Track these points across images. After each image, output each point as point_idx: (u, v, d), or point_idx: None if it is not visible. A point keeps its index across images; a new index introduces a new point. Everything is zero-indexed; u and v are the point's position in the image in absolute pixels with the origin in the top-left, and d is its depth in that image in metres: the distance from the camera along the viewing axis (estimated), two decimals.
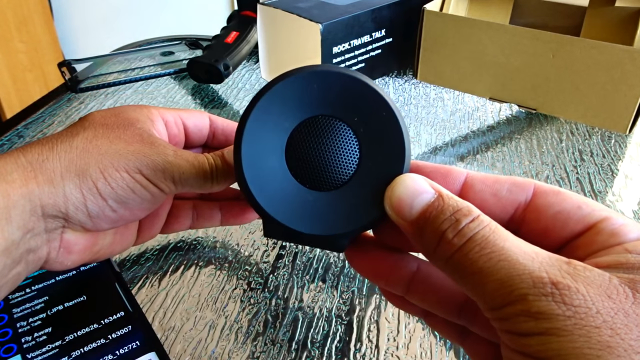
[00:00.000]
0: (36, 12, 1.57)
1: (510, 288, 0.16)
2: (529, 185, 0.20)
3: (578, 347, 0.14)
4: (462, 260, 0.17)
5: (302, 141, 0.21)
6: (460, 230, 0.17)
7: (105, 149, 0.25)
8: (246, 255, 0.37)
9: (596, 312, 0.15)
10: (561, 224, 0.19)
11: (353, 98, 0.21)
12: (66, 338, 0.29)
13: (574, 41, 0.49)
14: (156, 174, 0.26)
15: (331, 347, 0.31)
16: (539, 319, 0.15)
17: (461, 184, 0.20)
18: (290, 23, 0.55)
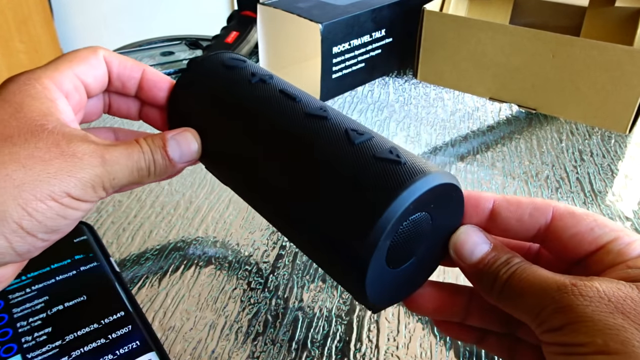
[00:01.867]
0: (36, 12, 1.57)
1: (543, 296, 0.20)
2: (548, 209, 0.23)
3: (600, 329, 0.18)
4: (509, 289, 0.21)
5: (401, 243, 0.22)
6: (509, 267, 0.22)
7: (20, 178, 0.21)
8: (246, 255, 0.37)
9: (608, 301, 0.18)
10: (576, 244, 0.22)
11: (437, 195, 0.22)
12: (66, 338, 0.29)
13: (574, 41, 0.49)
14: (86, 192, 0.23)
15: (331, 347, 0.31)
16: (566, 312, 0.19)
17: (489, 211, 0.24)
18: (290, 23, 0.55)
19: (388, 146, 0.22)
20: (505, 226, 0.24)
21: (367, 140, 0.23)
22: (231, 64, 0.28)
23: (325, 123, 0.24)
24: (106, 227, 0.40)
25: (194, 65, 0.29)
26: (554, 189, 0.45)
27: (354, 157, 0.22)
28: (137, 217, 0.41)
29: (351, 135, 0.23)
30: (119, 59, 0.28)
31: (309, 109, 0.25)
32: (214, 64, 0.28)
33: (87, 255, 0.34)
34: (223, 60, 0.28)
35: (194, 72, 0.29)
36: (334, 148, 0.23)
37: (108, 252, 0.35)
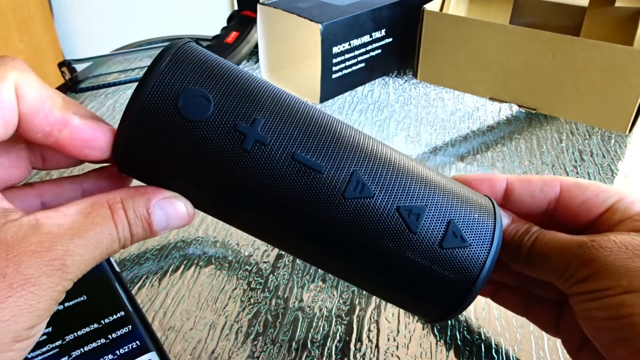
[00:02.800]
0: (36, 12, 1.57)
1: (566, 255, 0.22)
2: (556, 182, 0.26)
3: (623, 273, 0.20)
4: (534, 254, 0.24)
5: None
6: (531, 235, 0.24)
7: None
8: (246, 255, 0.37)
9: (626, 249, 0.21)
10: (586, 210, 0.25)
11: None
12: (66, 338, 0.29)
13: (574, 41, 0.49)
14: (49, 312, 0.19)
15: (331, 347, 0.31)
16: (590, 263, 0.21)
17: (504, 190, 0.26)
18: (290, 23, 0.55)
19: (445, 222, 0.22)
20: (519, 202, 0.26)
21: (424, 219, 0.21)
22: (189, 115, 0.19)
23: (371, 202, 0.20)
24: None
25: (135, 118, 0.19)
26: None
27: (421, 250, 0.21)
28: None
29: (409, 222, 0.21)
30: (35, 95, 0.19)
31: (347, 191, 0.19)
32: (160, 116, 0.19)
33: None
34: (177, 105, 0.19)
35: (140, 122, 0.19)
36: (396, 239, 0.21)
37: None
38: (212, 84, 0.20)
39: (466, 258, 0.22)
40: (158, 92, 0.19)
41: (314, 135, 0.20)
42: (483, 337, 0.31)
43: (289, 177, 0.19)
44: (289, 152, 0.19)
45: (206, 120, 0.19)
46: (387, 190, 0.21)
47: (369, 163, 0.21)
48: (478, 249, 0.22)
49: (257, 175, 0.19)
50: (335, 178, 0.20)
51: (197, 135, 0.19)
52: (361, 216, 0.20)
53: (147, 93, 0.19)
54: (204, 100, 0.19)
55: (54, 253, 0.18)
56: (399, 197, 0.21)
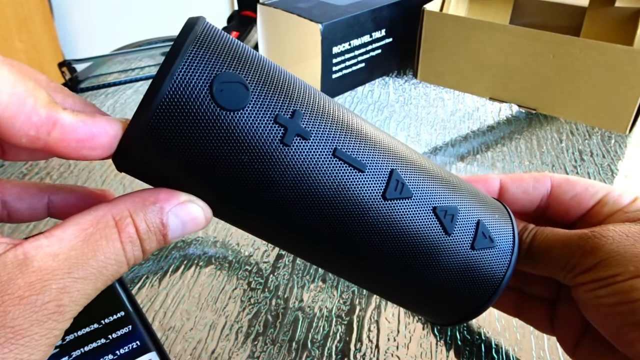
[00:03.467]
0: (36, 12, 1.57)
1: (568, 247, 0.23)
2: (547, 179, 0.27)
3: (629, 259, 0.21)
4: (534, 250, 0.25)
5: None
6: (529, 231, 0.25)
7: None
8: (246, 255, 0.37)
9: (627, 237, 0.22)
10: (577, 204, 0.26)
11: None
12: (66, 338, 0.29)
13: (574, 41, 0.49)
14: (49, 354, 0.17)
15: (331, 347, 0.31)
16: (594, 252, 0.22)
17: (498, 189, 0.27)
18: (290, 23, 0.55)
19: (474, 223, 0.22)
20: (514, 199, 0.27)
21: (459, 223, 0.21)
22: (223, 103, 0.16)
23: (409, 204, 0.19)
24: None
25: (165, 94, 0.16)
26: None
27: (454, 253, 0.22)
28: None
29: (444, 223, 0.21)
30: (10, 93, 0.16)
31: (387, 192, 0.19)
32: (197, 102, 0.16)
33: None
34: (212, 89, 0.16)
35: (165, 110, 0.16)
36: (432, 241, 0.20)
37: None
38: (246, 70, 0.17)
39: (494, 258, 0.23)
40: (188, 76, 0.16)
41: (353, 133, 0.18)
42: (483, 337, 0.31)
43: (330, 175, 0.17)
44: (330, 148, 0.18)
45: (243, 110, 0.16)
46: (423, 191, 0.20)
47: (405, 163, 0.20)
48: (503, 248, 0.23)
49: (296, 173, 0.17)
50: (376, 177, 0.18)
51: (232, 128, 0.16)
52: (399, 218, 0.19)
53: (175, 76, 0.16)
54: (241, 87, 0.17)
55: (47, 295, 0.16)
56: (434, 198, 0.20)
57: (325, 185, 0.18)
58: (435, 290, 0.22)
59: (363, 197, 0.18)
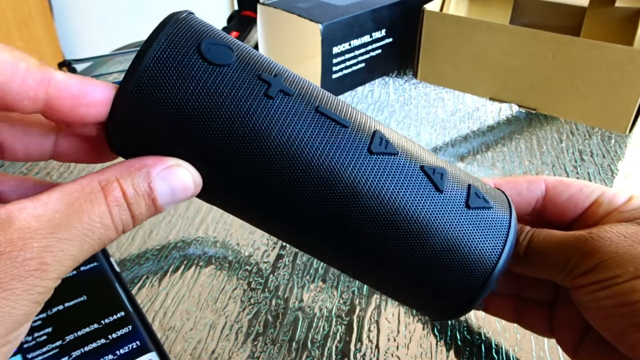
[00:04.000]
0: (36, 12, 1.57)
1: (565, 249, 0.23)
2: (540, 181, 0.27)
3: (628, 260, 0.21)
4: (530, 252, 0.24)
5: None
6: (525, 234, 0.25)
7: None
8: (246, 255, 0.37)
9: (625, 237, 0.21)
10: (572, 205, 0.26)
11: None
12: (66, 338, 0.29)
13: (574, 41, 0.49)
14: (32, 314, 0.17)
15: (331, 347, 0.31)
16: (593, 254, 0.22)
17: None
18: (290, 23, 0.55)
19: (465, 185, 0.21)
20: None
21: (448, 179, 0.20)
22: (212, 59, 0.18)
23: (396, 160, 0.19)
24: None
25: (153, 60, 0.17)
26: None
27: (447, 210, 0.20)
28: None
29: (434, 179, 0.20)
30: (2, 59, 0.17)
31: (373, 146, 0.19)
32: (185, 55, 0.18)
33: None
34: (200, 45, 0.18)
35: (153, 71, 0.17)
36: (422, 197, 0.19)
37: (108, 252, 0.35)
38: (231, 40, 0.19)
39: (492, 218, 0.22)
40: (177, 37, 0.18)
41: (334, 99, 0.19)
42: (483, 337, 0.31)
43: (314, 129, 0.18)
44: (312, 105, 0.18)
45: (229, 66, 0.18)
46: (408, 152, 0.20)
47: (386, 129, 0.20)
48: (501, 210, 0.22)
49: (280, 126, 0.17)
50: (360, 133, 0.19)
51: (219, 81, 0.17)
52: (387, 173, 0.18)
53: (165, 36, 0.18)
54: (226, 49, 0.18)
55: (29, 252, 0.16)
56: (421, 159, 0.20)
57: (310, 139, 0.18)
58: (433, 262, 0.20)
59: (348, 151, 0.18)
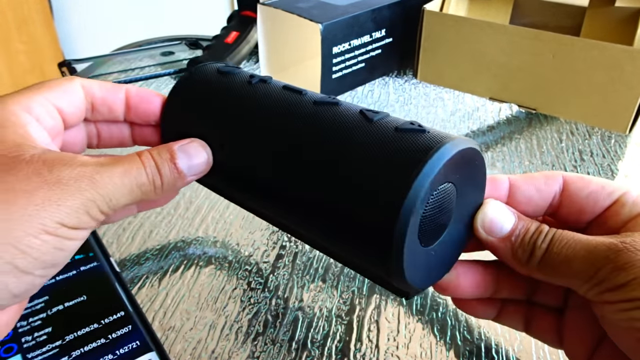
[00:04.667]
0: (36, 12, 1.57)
1: (594, 258, 0.20)
2: (559, 176, 0.24)
3: None
4: (551, 257, 0.22)
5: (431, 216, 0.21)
6: (545, 236, 0.22)
7: (5, 215, 0.19)
8: (246, 255, 0.37)
9: None
10: (593, 202, 0.24)
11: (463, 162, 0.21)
12: (66, 338, 0.29)
13: (574, 41, 0.49)
14: (81, 219, 0.21)
15: (331, 347, 0.31)
16: (627, 269, 0.19)
17: (507, 188, 0.25)
18: (290, 23, 0.55)
19: (408, 120, 0.22)
20: (526, 198, 0.24)
21: (385, 117, 0.22)
22: (226, 70, 0.28)
23: (337, 109, 0.23)
24: (106, 227, 0.40)
25: (187, 76, 0.28)
26: None
27: (375, 133, 0.21)
28: (137, 217, 0.41)
29: (367, 114, 0.22)
30: (99, 83, 0.26)
31: (318, 98, 0.24)
32: (208, 72, 0.28)
33: (87, 255, 0.34)
34: (218, 68, 0.28)
35: (187, 81, 0.28)
36: (353, 127, 0.22)
37: (108, 252, 0.35)
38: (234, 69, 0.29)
39: (424, 139, 0.20)
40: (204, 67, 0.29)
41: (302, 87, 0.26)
42: (483, 337, 0.31)
43: (280, 97, 0.25)
44: (280, 85, 0.26)
45: (233, 75, 0.27)
46: (352, 104, 0.24)
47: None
48: (436, 136, 0.20)
49: (258, 98, 0.26)
50: (310, 95, 0.25)
51: (225, 84, 0.27)
52: (329, 117, 0.23)
53: (198, 66, 0.29)
54: (234, 68, 0.28)
55: (86, 169, 0.21)
56: (363, 107, 0.24)
57: (277, 102, 0.25)
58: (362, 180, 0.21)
59: (300, 105, 0.24)
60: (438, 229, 0.22)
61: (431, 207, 0.20)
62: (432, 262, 0.23)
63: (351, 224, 0.21)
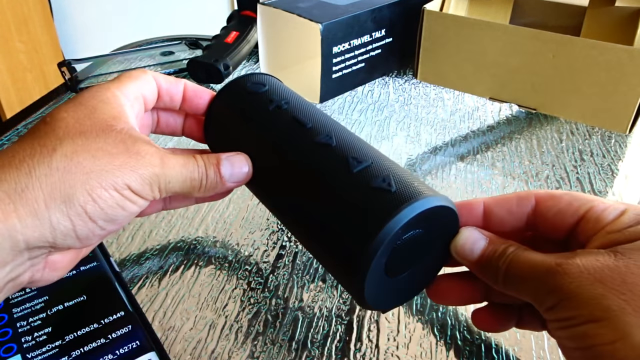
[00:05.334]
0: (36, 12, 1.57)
1: (536, 280, 0.22)
2: (531, 196, 0.26)
3: (584, 302, 0.20)
4: (509, 277, 0.24)
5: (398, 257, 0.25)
6: (506, 257, 0.24)
7: (89, 166, 0.23)
8: (246, 255, 0.37)
9: (588, 274, 0.21)
10: (560, 220, 0.25)
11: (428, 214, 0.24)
12: (66, 338, 0.29)
13: (574, 41, 0.49)
14: (144, 188, 0.25)
15: (331, 347, 0.31)
16: (556, 292, 0.21)
17: (482, 212, 0.26)
18: (290, 23, 0.55)
19: (383, 175, 0.25)
20: (499, 221, 0.26)
21: (365, 168, 0.25)
22: (253, 89, 0.32)
23: (329, 152, 0.27)
24: None
25: (225, 87, 0.32)
26: (554, 189, 0.45)
27: (351, 186, 0.25)
28: (137, 217, 0.41)
29: (351, 163, 0.26)
30: (164, 76, 0.31)
31: (317, 138, 0.27)
32: (240, 86, 0.32)
33: (87, 255, 0.34)
34: (246, 85, 0.32)
35: (224, 92, 0.32)
36: (336, 176, 0.26)
37: (108, 252, 0.35)
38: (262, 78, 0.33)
39: (390, 199, 0.23)
40: (234, 82, 0.32)
41: (307, 108, 0.30)
42: (483, 337, 0.31)
43: (289, 126, 0.29)
44: (291, 114, 0.30)
45: (261, 94, 0.31)
46: (344, 144, 0.27)
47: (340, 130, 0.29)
48: (400, 197, 0.23)
49: (275, 121, 0.30)
50: (312, 131, 0.28)
51: (253, 101, 0.31)
52: (320, 159, 0.27)
53: (230, 82, 0.33)
54: (260, 86, 0.32)
55: (159, 151, 0.26)
56: (351, 148, 0.27)
57: (286, 130, 0.29)
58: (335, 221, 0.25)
59: (302, 139, 0.28)
60: (407, 264, 0.25)
61: (397, 252, 0.24)
62: (403, 287, 0.27)
63: (327, 255, 0.26)
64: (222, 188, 0.29)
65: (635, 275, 0.20)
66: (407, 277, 0.26)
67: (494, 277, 0.25)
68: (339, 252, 0.25)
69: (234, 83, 0.32)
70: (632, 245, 0.21)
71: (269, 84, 0.32)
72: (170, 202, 0.32)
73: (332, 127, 0.29)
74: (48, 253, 0.24)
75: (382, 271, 0.24)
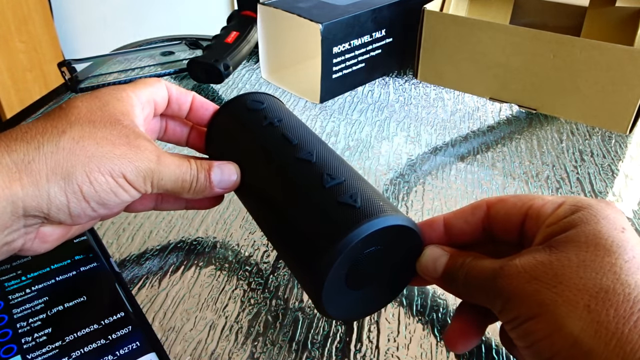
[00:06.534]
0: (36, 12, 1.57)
1: (486, 287, 0.23)
2: (483, 203, 0.27)
3: (522, 300, 0.21)
4: (466, 287, 0.25)
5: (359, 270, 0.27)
6: (462, 268, 0.25)
7: (92, 151, 0.25)
8: (246, 256, 0.37)
9: (525, 272, 0.22)
10: (508, 222, 0.26)
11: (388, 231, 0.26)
12: (66, 338, 0.29)
13: (574, 41, 0.49)
14: (138, 179, 0.27)
15: (331, 347, 0.31)
16: (500, 295, 0.22)
17: (442, 227, 0.28)
18: (290, 23, 0.55)
19: (351, 192, 0.27)
20: (460, 231, 0.27)
21: (337, 184, 0.27)
22: (252, 107, 0.34)
23: (308, 167, 0.29)
24: (106, 227, 0.40)
25: (228, 102, 0.35)
26: (554, 189, 0.45)
27: (321, 200, 0.27)
28: (137, 217, 0.41)
29: (324, 179, 0.28)
30: (175, 86, 0.33)
31: (299, 154, 0.30)
32: (241, 103, 0.35)
33: (87, 256, 0.34)
34: (246, 102, 0.35)
35: (226, 107, 0.35)
36: (310, 189, 0.28)
37: (108, 252, 0.35)
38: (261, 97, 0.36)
39: (353, 214, 0.25)
40: (237, 99, 0.35)
41: (296, 131, 0.33)
42: (483, 337, 0.31)
43: (278, 141, 0.32)
44: (281, 131, 0.32)
45: (258, 111, 0.34)
46: (323, 162, 0.30)
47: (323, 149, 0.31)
48: (362, 213, 0.25)
49: (266, 135, 0.32)
50: (297, 147, 0.31)
51: (250, 117, 0.34)
52: (300, 172, 0.29)
53: (233, 98, 0.35)
54: (259, 104, 0.35)
55: (157, 149, 0.28)
56: (329, 165, 0.29)
57: (275, 144, 0.31)
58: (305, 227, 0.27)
59: (287, 154, 0.31)
60: (368, 278, 0.27)
61: (357, 265, 0.26)
62: (366, 299, 0.28)
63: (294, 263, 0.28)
64: (211, 192, 0.31)
65: (565, 267, 0.21)
66: (371, 291, 0.28)
67: (455, 289, 0.26)
68: (303, 259, 0.27)
69: (236, 99, 0.35)
70: (564, 237, 0.22)
71: (267, 103, 0.35)
72: (162, 202, 0.34)
73: (316, 146, 0.31)
74: (41, 224, 0.26)
75: (343, 282, 0.26)
